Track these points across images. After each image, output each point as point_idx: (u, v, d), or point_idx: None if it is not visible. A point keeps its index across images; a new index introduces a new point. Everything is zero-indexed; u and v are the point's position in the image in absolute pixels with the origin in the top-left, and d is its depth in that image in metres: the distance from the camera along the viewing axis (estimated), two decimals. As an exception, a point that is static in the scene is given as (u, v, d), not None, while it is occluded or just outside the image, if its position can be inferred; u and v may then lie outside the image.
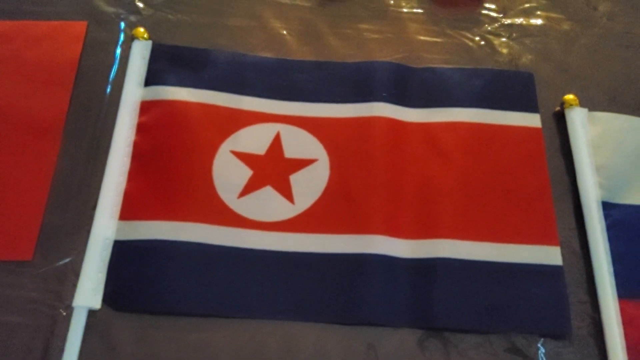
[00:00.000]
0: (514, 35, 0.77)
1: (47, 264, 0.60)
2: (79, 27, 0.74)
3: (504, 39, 0.76)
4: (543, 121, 0.69)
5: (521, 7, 0.79)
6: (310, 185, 0.65)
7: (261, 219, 0.62)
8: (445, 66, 0.73)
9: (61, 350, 0.55)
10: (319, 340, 0.58)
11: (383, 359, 0.57)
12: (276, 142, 0.67)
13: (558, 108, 0.71)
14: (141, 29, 0.71)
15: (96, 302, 0.57)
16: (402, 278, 0.60)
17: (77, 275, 0.58)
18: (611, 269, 0.60)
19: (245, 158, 0.65)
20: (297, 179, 0.65)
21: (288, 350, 0.57)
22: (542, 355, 0.58)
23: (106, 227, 0.60)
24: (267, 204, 0.63)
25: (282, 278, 0.60)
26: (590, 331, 0.59)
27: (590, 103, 0.70)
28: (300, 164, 0.66)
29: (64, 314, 0.57)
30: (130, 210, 0.61)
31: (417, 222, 0.63)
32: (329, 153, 0.66)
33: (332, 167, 0.65)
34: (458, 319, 0.58)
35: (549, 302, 0.59)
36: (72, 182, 0.64)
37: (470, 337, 0.58)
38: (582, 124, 0.68)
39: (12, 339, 0.56)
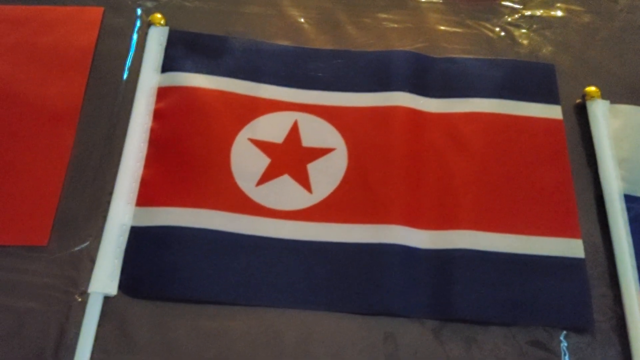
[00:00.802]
0: (534, 26, 0.76)
1: (62, 249, 0.59)
2: (95, 12, 0.73)
3: (524, 30, 0.75)
4: (564, 113, 0.68)
5: (541, -2, 0.79)
6: (328, 174, 0.64)
7: (279, 208, 0.62)
8: (465, 56, 0.72)
9: (76, 336, 0.54)
10: (336, 330, 0.57)
11: (401, 350, 0.56)
12: (294, 131, 0.66)
13: (579, 100, 0.70)
14: (158, 15, 0.71)
15: (112, 289, 0.57)
16: (421, 269, 0.59)
17: (92, 261, 0.57)
18: (634, 262, 0.59)
19: (263, 146, 0.65)
20: (314, 168, 0.64)
21: (304, 340, 0.56)
22: (565, 348, 0.57)
23: (123, 213, 0.60)
24: (285, 192, 0.62)
25: (299, 267, 0.59)
26: (613, 325, 0.58)
27: (611, 95, 0.69)
28: (318, 152, 0.65)
29: (79, 300, 0.56)
30: (146, 196, 0.61)
31: (436, 212, 0.62)
32: (347, 142, 0.65)
33: (350, 157, 0.65)
34: (478, 310, 0.57)
35: (571, 295, 0.58)
36: (88, 168, 0.63)
37: (490, 329, 0.57)
38: (603, 116, 0.67)
39: (27, 324, 0.55)
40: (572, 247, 0.60)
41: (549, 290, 0.58)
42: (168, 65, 0.68)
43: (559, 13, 0.77)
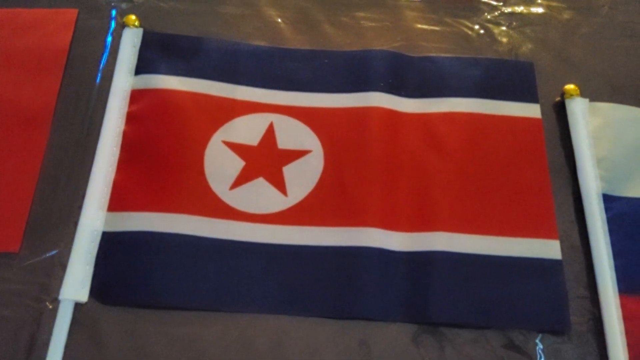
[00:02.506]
0: (514, 24, 0.75)
1: (34, 256, 0.58)
2: (70, 14, 0.72)
3: (503, 28, 0.74)
4: (543, 112, 0.68)
5: (522, -5, 0.78)
6: (303, 176, 0.63)
7: (253, 211, 0.61)
8: (443, 55, 0.71)
9: (47, 343, 0.54)
10: (310, 334, 0.56)
11: (376, 354, 0.56)
12: (269, 133, 0.65)
13: (558, 98, 0.69)
14: (132, 17, 0.70)
15: (83, 295, 0.56)
16: (396, 271, 0.59)
17: (64, 267, 0.57)
18: (612, 264, 0.59)
19: (238, 149, 0.64)
20: (290, 171, 0.63)
21: (279, 345, 0.56)
22: (540, 351, 0.56)
23: (94, 219, 0.59)
24: (260, 195, 0.62)
25: (274, 271, 0.58)
26: (590, 327, 0.58)
27: (591, 93, 0.68)
28: (294, 155, 0.64)
29: (51, 307, 0.56)
30: (119, 201, 0.60)
31: (412, 214, 0.61)
32: (324, 144, 0.65)
33: (326, 159, 0.64)
34: (454, 313, 0.57)
35: (548, 297, 0.58)
36: (61, 173, 0.62)
37: (466, 332, 0.57)
38: (582, 114, 0.66)
39: (-3, 332, 0.55)
40: (549, 248, 0.60)
41: (525, 293, 0.58)
42: (142, 67, 0.67)
43: (540, 10, 0.76)
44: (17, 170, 0.62)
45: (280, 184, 0.62)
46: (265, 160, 0.64)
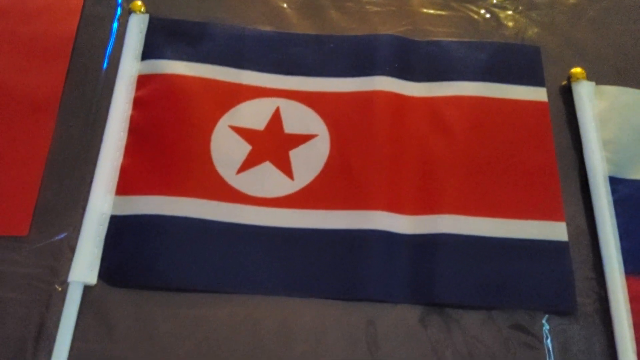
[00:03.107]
0: (520, 8, 0.75)
1: (43, 239, 0.59)
2: (76, 1, 0.72)
3: (509, 12, 0.74)
4: (549, 95, 0.68)
5: (528, -21, 0.77)
6: (310, 161, 0.63)
7: (260, 195, 0.61)
8: (449, 39, 0.71)
9: (56, 325, 0.54)
10: (317, 316, 0.57)
11: (382, 335, 0.56)
12: (276, 117, 0.65)
13: (565, 82, 0.69)
14: (138, 2, 0.70)
15: (92, 278, 0.56)
16: (402, 254, 0.59)
17: (72, 250, 0.57)
18: (618, 245, 0.59)
19: (244, 133, 0.64)
20: (296, 155, 0.63)
21: (286, 327, 0.56)
22: (547, 332, 0.56)
23: (102, 202, 0.59)
24: (266, 179, 0.62)
25: (281, 254, 0.59)
26: (596, 308, 0.58)
27: (598, 77, 0.68)
28: (300, 139, 0.64)
29: (60, 289, 0.56)
30: (126, 185, 0.60)
31: (418, 197, 0.62)
32: (330, 128, 0.65)
33: (332, 143, 0.64)
34: (460, 294, 0.57)
35: (554, 278, 0.58)
36: (69, 157, 0.63)
37: (472, 313, 0.57)
38: (589, 97, 0.66)
39: (8, 314, 0.55)
40: (555, 230, 0.60)
41: (532, 274, 0.58)
42: (148, 52, 0.67)
43: (546, -7, 0.76)
44: (26, 155, 0.63)
45: (286, 168, 0.63)
46: (272, 145, 0.64)
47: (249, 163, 0.63)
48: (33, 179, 0.61)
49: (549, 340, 0.56)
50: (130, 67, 0.66)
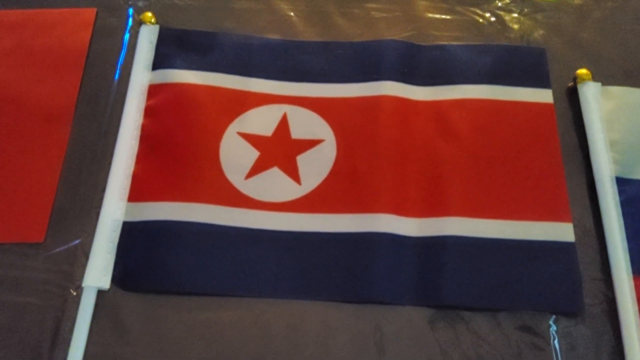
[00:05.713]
0: (525, 10, 0.75)
1: (58, 245, 0.60)
2: (89, 14, 0.74)
3: (515, 15, 0.75)
4: (555, 97, 0.68)
5: (533, -19, 0.78)
6: (317, 165, 0.64)
7: (268, 200, 0.62)
8: (454, 43, 0.72)
9: (71, 329, 0.55)
10: (325, 319, 0.57)
11: (390, 338, 0.56)
12: (283, 123, 0.66)
13: (571, 84, 0.69)
14: (149, 14, 0.72)
15: (105, 282, 0.58)
16: (409, 256, 0.59)
17: (87, 256, 0.59)
18: (625, 246, 0.59)
19: (252, 139, 0.65)
20: (303, 160, 0.64)
21: (294, 329, 0.57)
22: (554, 333, 0.56)
23: (115, 209, 0.61)
24: (274, 184, 0.63)
25: (289, 258, 0.60)
26: (604, 309, 0.58)
27: (604, 78, 0.68)
28: (307, 144, 0.65)
29: (74, 294, 0.58)
30: (138, 192, 0.62)
31: (425, 200, 0.62)
32: (336, 133, 0.66)
33: (338, 148, 0.65)
34: (467, 296, 0.57)
35: (561, 280, 0.58)
36: (83, 166, 0.65)
37: (479, 315, 0.57)
38: (595, 98, 0.66)
39: (24, 319, 0.57)
40: (562, 231, 0.60)
41: (538, 275, 0.58)
42: (158, 62, 0.69)
43: (552, -5, 0.76)
44: (42, 165, 0.65)
45: (294, 173, 0.64)
46: (279, 150, 0.65)
47: (257, 169, 0.64)
48: (49, 187, 0.63)
49: (556, 342, 0.56)
50: (141, 77, 0.68)
